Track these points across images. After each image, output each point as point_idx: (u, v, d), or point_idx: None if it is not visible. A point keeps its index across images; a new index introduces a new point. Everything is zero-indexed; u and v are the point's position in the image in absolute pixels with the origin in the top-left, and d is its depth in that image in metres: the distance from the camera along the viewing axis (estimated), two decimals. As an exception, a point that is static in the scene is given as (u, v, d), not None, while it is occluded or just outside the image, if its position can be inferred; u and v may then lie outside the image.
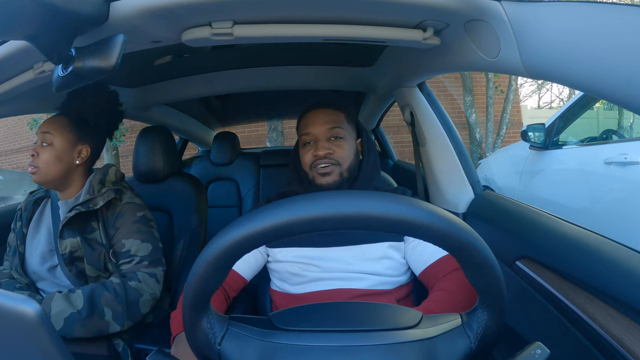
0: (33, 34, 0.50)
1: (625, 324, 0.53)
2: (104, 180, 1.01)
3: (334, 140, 0.85)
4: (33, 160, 0.94)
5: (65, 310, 0.84)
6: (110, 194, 0.97)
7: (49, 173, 0.94)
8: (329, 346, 0.41)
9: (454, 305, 0.67)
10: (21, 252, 0.99)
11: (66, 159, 0.96)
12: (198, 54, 1.24)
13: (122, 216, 0.98)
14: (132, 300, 0.90)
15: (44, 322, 0.32)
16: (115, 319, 0.88)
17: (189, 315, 0.42)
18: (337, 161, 0.84)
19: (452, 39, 0.72)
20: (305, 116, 0.89)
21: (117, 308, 0.88)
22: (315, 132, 0.85)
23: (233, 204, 2.12)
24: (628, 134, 3.60)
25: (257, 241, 0.36)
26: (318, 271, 0.82)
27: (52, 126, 0.95)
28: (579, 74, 0.50)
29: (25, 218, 1.02)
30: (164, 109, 1.80)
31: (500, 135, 5.22)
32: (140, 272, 0.94)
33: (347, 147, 0.86)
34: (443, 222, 0.35)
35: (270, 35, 0.69)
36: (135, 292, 0.91)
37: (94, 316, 0.86)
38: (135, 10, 0.58)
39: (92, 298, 0.87)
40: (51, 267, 0.97)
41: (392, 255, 0.82)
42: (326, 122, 0.85)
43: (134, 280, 0.92)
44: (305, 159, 0.87)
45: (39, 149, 0.94)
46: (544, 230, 0.74)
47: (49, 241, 0.99)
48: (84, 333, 0.85)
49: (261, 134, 5.56)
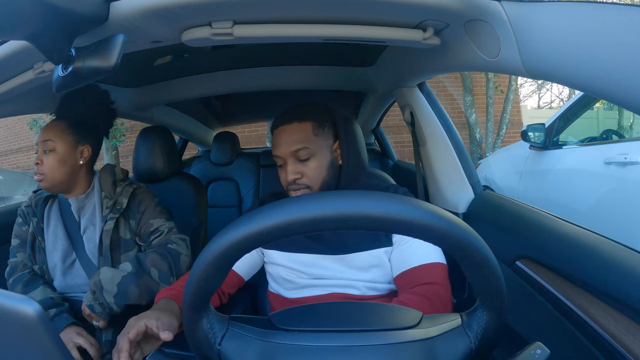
0: (33, 34, 0.50)
1: (625, 324, 0.53)
2: (115, 181, 1.06)
3: (302, 161, 0.79)
4: (38, 169, 0.96)
5: (116, 276, 0.90)
6: (128, 189, 1.04)
7: (56, 178, 0.96)
8: (329, 346, 0.41)
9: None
10: (44, 248, 1.02)
11: (70, 161, 0.98)
12: (198, 54, 1.24)
13: (144, 201, 1.05)
14: (175, 257, 0.97)
15: (44, 322, 0.32)
16: (162, 279, 0.94)
17: (189, 315, 0.42)
18: (307, 185, 0.80)
19: (452, 39, 0.72)
20: (274, 134, 0.83)
21: (163, 267, 0.94)
22: (281, 154, 0.80)
23: (233, 204, 2.12)
24: (628, 134, 3.60)
25: (257, 241, 0.36)
26: (307, 278, 0.81)
27: (52, 132, 0.97)
28: (579, 74, 0.50)
29: (39, 213, 1.04)
30: (164, 109, 1.80)
31: (500, 135, 5.22)
32: (173, 237, 1.02)
33: (316, 166, 0.80)
34: (443, 222, 0.35)
35: (270, 35, 0.69)
36: (174, 251, 0.98)
37: (144, 275, 0.92)
38: (135, 10, 0.58)
39: (139, 260, 0.94)
40: (70, 264, 1.00)
41: (384, 263, 0.79)
42: (290, 142, 0.79)
43: (168, 244, 0.99)
44: (281, 180, 0.83)
45: (42, 156, 0.96)
46: (544, 230, 0.74)
47: (65, 238, 1.02)
48: (139, 294, 0.90)
49: (261, 134, 5.56)
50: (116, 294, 0.88)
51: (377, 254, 0.79)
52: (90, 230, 1.01)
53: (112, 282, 0.89)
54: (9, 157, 7.38)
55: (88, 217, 1.02)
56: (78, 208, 1.03)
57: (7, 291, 0.33)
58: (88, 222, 1.02)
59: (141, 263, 0.93)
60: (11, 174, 4.37)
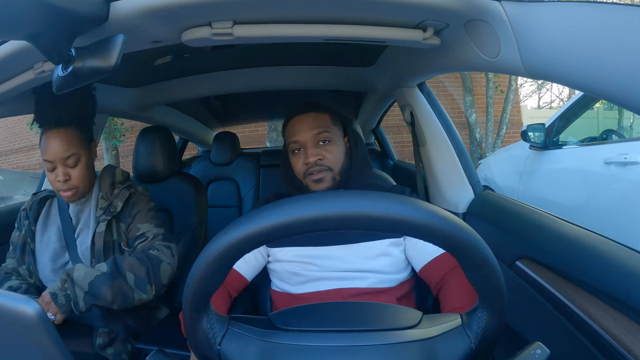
0: (33, 34, 0.50)
1: (625, 324, 0.53)
2: (114, 182, 1.04)
3: (322, 145, 0.84)
4: (66, 184, 0.93)
5: (90, 274, 0.86)
6: (125, 192, 1.02)
7: (85, 184, 0.97)
8: (329, 346, 0.41)
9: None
10: (32, 249, 1.01)
11: (90, 164, 1.00)
12: (198, 54, 1.24)
13: (137, 205, 1.03)
14: (154, 264, 0.92)
15: (44, 322, 0.32)
16: (137, 285, 0.89)
17: (189, 315, 0.42)
18: (328, 167, 0.83)
19: (452, 39, 0.72)
20: (290, 123, 0.87)
21: (140, 272, 0.90)
22: (302, 139, 0.84)
23: (233, 204, 2.12)
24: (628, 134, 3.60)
25: (257, 241, 0.36)
26: (317, 270, 0.81)
27: (73, 146, 0.93)
28: (579, 74, 0.50)
29: (32, 216, 1.03)
30: (164, 109, 1.80)
31: (500, 135, 5.22)
32: (157, 243, 0.98)
33: (336, 150, 0.84)
34: (443, 222, 0.35)
35: (270, 35, 0.69)
36: (155, 258, 0.94)
37: (119, 278, 0.88)
38: (135, 10, 0.58)
39: (116, 262, 0.90)
40: (62, 265, 0.99)
41: (392, 252, 0.82)
42: (312, 127, 0.83)
43: (151, 250, 0.96)
44: (297, 168, 0.86)
45: (69, 170, 0.93)
46: (544, 230, 0.74)
47: (59, 239, 1.00)
48: (111, 297, 0.86)
49: (261, 134, 5.56)
50: (86, 292, 0.84)
51: (385, 244, 0.82)
52: (84, 233, 1.00)
53: (85, 279, 0.84)
54: (9, 157, 7.38)
55: (84, 219, 1.01)
56: (77, 211, 1.01)
57: (7, 291, 0.33)
58: (83, 225, 1.01)
59: (117, 265, 0.89)
60: (11, 174, 4.37)
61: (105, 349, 0.93)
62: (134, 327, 1.00)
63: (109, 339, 0.94)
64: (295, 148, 0.86)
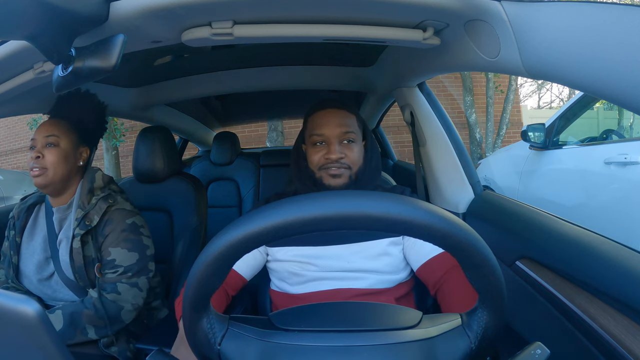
0: (33, 34, 0.50)
1: (625, 324, 0.53)
2: (92, 189, 0.98)
3: (346, 143, 0.85)
4: (37, 162, 0.92)
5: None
6: (102, 205, 0.96)
7: (56, 174, 0.93)
8: (329, 346, 0.41)
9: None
10: (14, 263, 0.98)
11: (71, 160, 0.97)
12: (198, 54, 1.24)
13: (111, 223, 0.96)
14: (112, 314, 0.90)
15: (44, 322, 0.32)
16: (98, 334, 0.89)
17: (189, 315, 0.42)
18: (348, 165, 0.84)
19: (452, 39, 0.72)
20: (318, 115, 0.87)
21: (99, 324, 0.89)
22: (328, 134, 0.84)
23: (233, 204, 2.12)
24: (628, 134, 3.60)
25: (257, 241, 0.36)
26: (317, 270, 0.81)
27: (57, 129, 0.95)
28: (579, 74, 0.50)
29: (19, 227, 1.01)
30: (164, 109, 1.80)
31: (500, 135, 5.22)
32: (121, 282, 0.93)
33: (358, 151, 0.86)
34: (443, 222, 0.35)
35: (270, 35, 0.69)
36: (114, 305, 0.91)
37: (76, 335, 0.87)
38: (135, 10, 0.58)
39: (73, 318, 0.87)
40: (48, 276, 0.96)
41: (392, 252, 0.82)
42: (340, 124, 0.84)
43: (112, 293, 0.92)
44: (314, 159, 0.85)
45: (44, 150, 0.93)
46: (544, 230, 0.74)
47: (44, 249, 0.97)
48: (73, 341, 0.86)
49: (261, 134, 5.56)
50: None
51: (384, 243, 0.82)
52: (63, 244, 0.96)
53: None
54: (9, 157, 7.38)
55: (65, 229, 0.97)
56: (60, 219, 0.98)
57: (7, 291, 0.33)
58: (63, 235, 0.97)
59: (75, 322, 0.87)
60: (11, 174, 4.37)
61: (110, 348, 0.93)
62: (133, 327, 1.00)
63: (113, 337, 0.94)
64: (318, 141, 0.85)
